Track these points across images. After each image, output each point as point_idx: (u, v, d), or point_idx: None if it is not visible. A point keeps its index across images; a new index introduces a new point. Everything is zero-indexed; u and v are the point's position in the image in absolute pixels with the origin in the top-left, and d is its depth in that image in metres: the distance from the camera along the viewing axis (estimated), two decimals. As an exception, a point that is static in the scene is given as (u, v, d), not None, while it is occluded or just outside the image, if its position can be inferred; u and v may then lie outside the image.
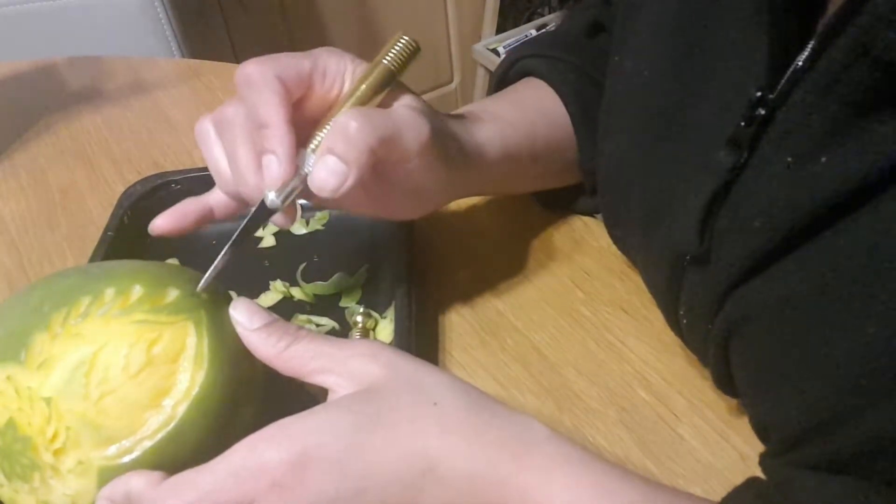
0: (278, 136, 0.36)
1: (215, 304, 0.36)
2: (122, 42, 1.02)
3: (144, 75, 0.80)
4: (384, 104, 0.39)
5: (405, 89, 0.41)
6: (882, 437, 0.28)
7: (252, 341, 0.34)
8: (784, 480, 0.33)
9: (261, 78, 0.37)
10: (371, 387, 0.32)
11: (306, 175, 0.37)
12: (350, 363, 0.33)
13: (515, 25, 1.88)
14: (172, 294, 0.35)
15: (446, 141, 0.42)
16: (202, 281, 0.36)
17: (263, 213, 0.37)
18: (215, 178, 0.40)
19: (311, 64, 0.38)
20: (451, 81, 2.00)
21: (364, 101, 0.38)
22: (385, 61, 0.39)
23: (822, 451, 0.31)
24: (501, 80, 0.56)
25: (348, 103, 0.38)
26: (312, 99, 0.39)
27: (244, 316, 0.35)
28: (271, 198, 0.37)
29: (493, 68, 1.81)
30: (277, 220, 0.38)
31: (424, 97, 0.42)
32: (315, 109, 0.40)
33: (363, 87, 0.39)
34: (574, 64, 0.52)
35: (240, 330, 0.35)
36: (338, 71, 0.39)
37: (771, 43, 0.31)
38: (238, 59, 1.58)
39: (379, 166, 0.40)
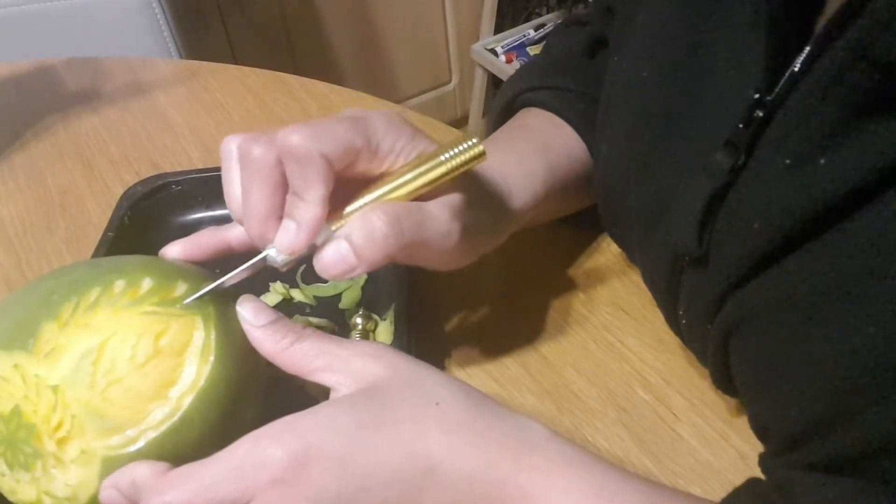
0: (310, 213, 0.34)
1: (223, 300, 0.36)
2: (120, 43, 1.02)
3: (142, 76, 0.80)
4: (427, 194, 0.37)
5: (454, 184, 0.38)
6: (882, 436, 0.28)
7: (257, 337, 0.34)
8: (784, 481, 0.33)
9: (306, 155, 0.34)
10: (373, 386, 0.32)
11: (314, 245, 0.35)
12: (353, 362, 0.33)
13: (514, 25, 1.88)
14: (182, 288, 0.35)
15: (478, 236, 0.41)
16: (187, 300, 0.35)
17: (262, 262, 0.36)
18: (225, 198, 0.38)
19: (364, 142, 0.35)
20: (450, 81, 2.00)
21: (407, 197, 0.36)
22: (443, 158, 0.36)
23: (821, 451, 0.31)
24: (506, 109, 0.54)
25: (389, 188, 0.36)
26: (355, 170, 0.36)
27: (250, 313, 0.35)
28: (271, 255, 0.35)
29: (491, 68, 1.82)
30: (272, 263, 0.37)
31: (423, 97, 0.41)
32: (354, 176, 0.37)
33: (411, 177, 0.36)
34: (581, 92, 0.51)
35: (245, 326, 0.35)
36: (391, 150, 0.36)
37: (769, 45, 0.31)
38: (236, 59, 1.58)
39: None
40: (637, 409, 0.44)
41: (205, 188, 0.56)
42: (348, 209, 0.36)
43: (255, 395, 0.37)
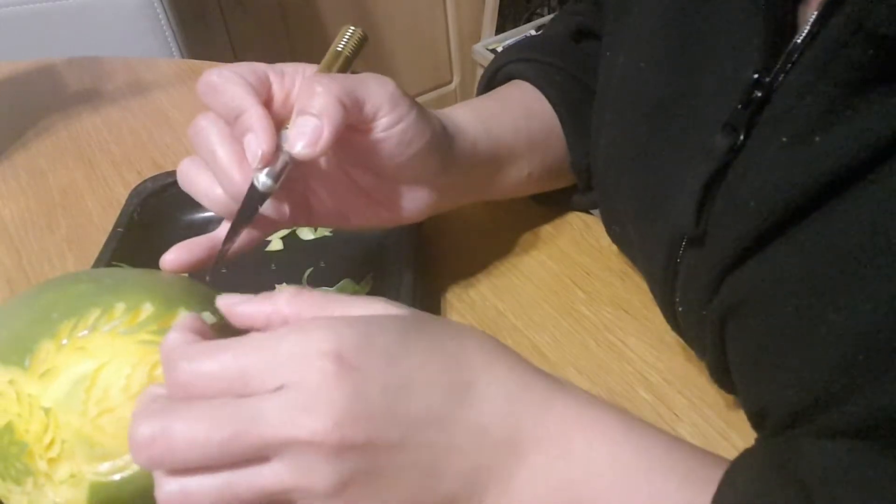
0: (254, 116, 0.37)
1: (221, 334, 0.35)
2: (121, 42, 1.02)
3: (144, 76, 0.80)
4: None
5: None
6: (879, 413, 0.28)
7: (246, 312, 0.32)
8: (791, 440, 0.32)
9: (222, 79, 0.38)
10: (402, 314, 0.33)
11: (289, 152, 0.37)
12: (374, 305, 0.32)
13: (515, 26, 1.89)
14: (182, 316, 0.35)
15: (430, 120, 0.43)
16: (208, 275, 0.36)
17: (256, 198, 0.37)
18: (209, 207, 0.40)
19: (268, 66, 0.40)
20: (451, 82, 2.00)
21: None
22: (339, 49, 0.41)
23: (819, 429, 0.31)
24: (488, 84, 0.56)
25: None
26: (275, 102, 0.40)
27: (228, 298, 0.33)
28: (261, 179, 0.37)
29: (492, 68, 1.82)
30: (269, 210, 0.38)
31: (424, 97, 0.43)
32: (280, 112, 0.40)
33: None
34: (560, 67, 0.52)
35: (227, 311, 0.33)
36: (295, 71, 0.40)
37: (767, 25, 0.31)
38: (238, 59, 1.57)
39: (365, 146, 0.40)
40: (638, 409, 0.44)
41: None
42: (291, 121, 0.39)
43: None
